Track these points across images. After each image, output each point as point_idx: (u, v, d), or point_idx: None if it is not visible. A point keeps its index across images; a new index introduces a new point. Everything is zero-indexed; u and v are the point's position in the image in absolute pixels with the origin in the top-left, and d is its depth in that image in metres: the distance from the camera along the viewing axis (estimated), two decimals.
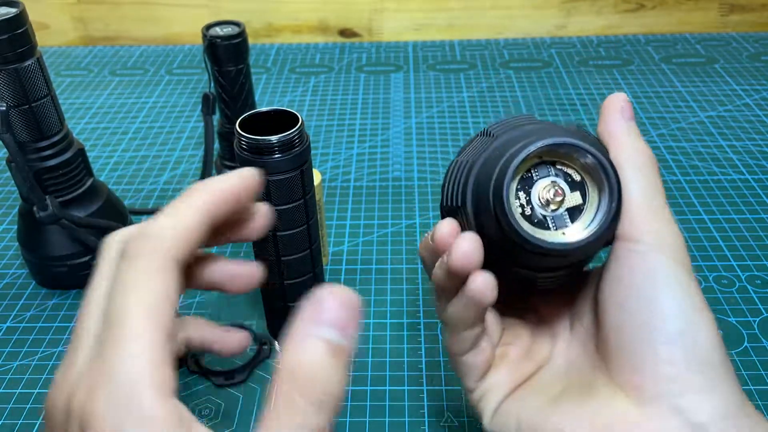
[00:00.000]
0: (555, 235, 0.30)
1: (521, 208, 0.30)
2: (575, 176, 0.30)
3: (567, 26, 1.11)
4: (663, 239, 0.29)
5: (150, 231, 0.26)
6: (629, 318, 0.29)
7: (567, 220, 0.30)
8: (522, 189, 0.30)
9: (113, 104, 0.95)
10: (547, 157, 0.30)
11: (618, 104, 0.33)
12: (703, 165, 0.77)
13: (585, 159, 0.29)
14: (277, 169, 0.45)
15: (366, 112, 0.91)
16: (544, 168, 0.30)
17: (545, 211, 0.30)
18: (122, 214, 0.65)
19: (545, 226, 0.30)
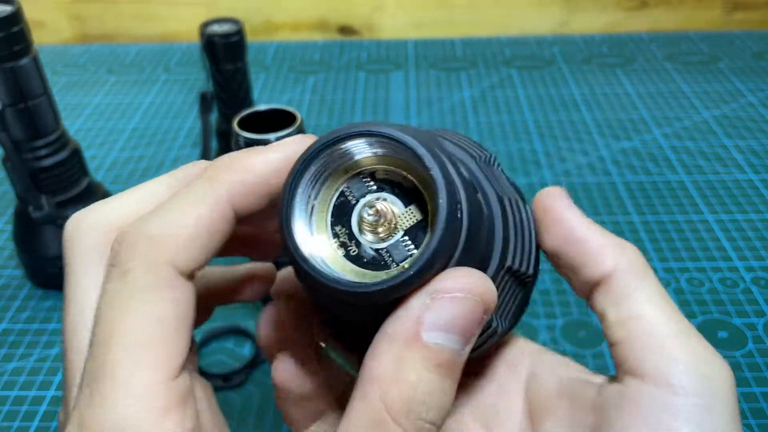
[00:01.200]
0: (344, 268, 0.21)
1: (343, 247, 0.21)
2: (410, 186, 0.21)
3: (570, 24, 1.10)
4: (707, 377, 0.21)
5: (149, 231, 0.20)
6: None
7: (409, 249, 0.21)
8: (340, 221, 0.21)
9: (110, 103, 0.94)
10: (358, 169, 0.21)
11: (561, 200, 0.24)
12: (707, 164, 0.77)
13: (387, 151, 0.20)
14: None
15: (366, 111, 0.90)
16: (362, 185, 0.21)
17: (375, 242, 0.21)
18: None
19: (381, 265, 0.21)
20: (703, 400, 0.20)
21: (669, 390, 0.20)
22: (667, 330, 0.21)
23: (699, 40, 1.06)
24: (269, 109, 0.47)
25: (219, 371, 0.54)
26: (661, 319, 0.22)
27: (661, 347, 0.21)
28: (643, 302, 0.22)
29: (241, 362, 0.55)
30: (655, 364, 0.21)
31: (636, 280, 0.22)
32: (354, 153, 0.21)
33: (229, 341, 0.57)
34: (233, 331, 0.57)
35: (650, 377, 0.21)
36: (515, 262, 0.22)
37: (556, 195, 0.24)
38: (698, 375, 0.21)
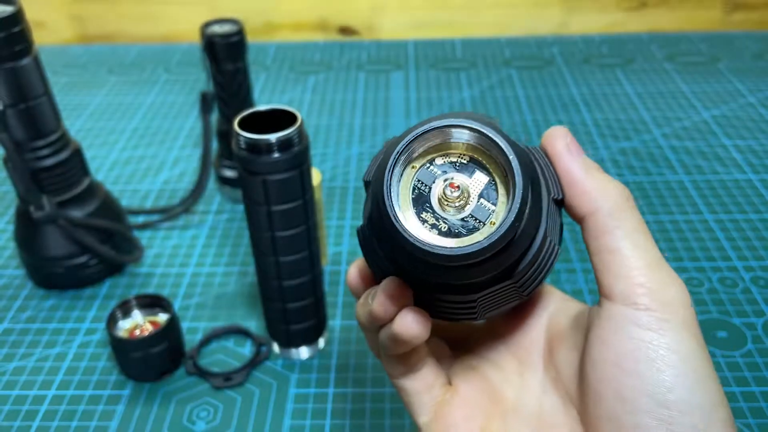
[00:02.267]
0: (452, 241, 0.24)
1: (435, 228, 0.25)
2: (490, 173, 0.25)
3: (569, 24, 1.10)
4: (664, 299, 0.25)
5: None
6: (620, 399, 0.25)
7: (488, 208, 0.25)
8: (422, 209, 0.25)
9: (110, 103, 0.94)
10: (439, 154, 0.26)
11: (560, 143, 0.28)
12: (707, 164, 0.77)
13: (468, 140, 0.25)
14: (276, 169, 0.45)
15: (366, 111, 0.90)
16: (427, 173, 0.26)
17: (457, 213, 0.25)
18: (119, 214, 0.64)
19: (472, 228, 0.25)
20: (661, 315, 0.24)
21: (633, 307, 0.25)
22: (636, 262, 0.25)
23: (699, 40, 1.06)
24: (270, 110, 0.47)
25: (220, 370, 0.54)
26: (632, 252, 0.26)
27: (629, 276, 0.25)
28: (619, 238, 0.26)
29: (242, 361, 0.55)
30: (622, 288, 0.25)
31: (613, 219, 0.26)
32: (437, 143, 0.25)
33: (229, 340, 0.57)
34: (233, 330, 0.57)
35: (618, 298, 0.25)
36: (553, 191, 0.27)
37: (558, 135, 0.28)
38: (658, 297, 0.25)
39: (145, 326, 0.54)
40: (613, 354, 0.25)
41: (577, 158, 0.27)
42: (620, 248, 0.26)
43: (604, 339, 0.26)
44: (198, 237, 0.68)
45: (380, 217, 0.24)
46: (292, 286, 0.50)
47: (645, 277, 0.25)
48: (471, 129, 0.24)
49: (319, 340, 0.55)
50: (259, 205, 0.46)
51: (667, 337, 0.24)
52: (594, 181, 0.27)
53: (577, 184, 0.27)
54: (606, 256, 0.26)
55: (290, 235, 0.48)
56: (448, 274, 0.25)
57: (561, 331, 0.30)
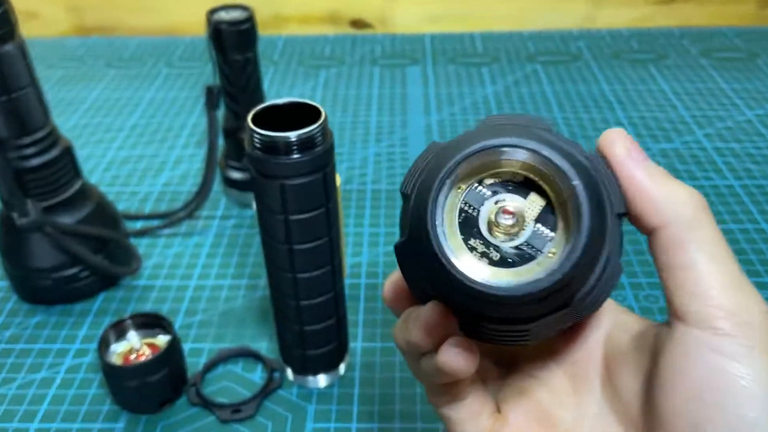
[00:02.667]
0: (505, 274, 0.22)
1: (485, 257, 0.23)
2: (547, 199, 0.23)
3: (595, 18, 1.03)
4: (747, 323, 0.22)
5: None
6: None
7: (545, 235, 0.22)
8: (471, 235, 0.23)
9: (108, 98, 0.87)
10: (488, 173, 0.23)
11: (619, 147, 0.25)
12: (757, 168, 0.70)
13: (523, 159, 0.22)
14: (296, 172, 0.38)
15: (382, 108, 0.83)
16: (476, 194, 0.23)
17: (510, 240, 0.23)
18: (114, 220, 0.58)
19: (527, 258, 0.23)
20: (742, 341, 0.22)
21: (711, 332, 0.22)
22: (714, 280, 0.23)
23: (733, 35, 1.00)
24: (288, 103, 0.41)
25: (227, 400, 0.47)
26: (709, 268, 0.23)
27: (706, 296, 0.23)
28: (693, 252, 0.23)
29: (252, 390, 0.48)
30: (698, 309, 0.23)
31: (687, 231, 0.23)
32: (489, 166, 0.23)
33: (237, 365, 0.51)
34: (242, 353, 0.51)
35: (694, 321, 0.23)
36: (615, 205, 0.24)
37: (616, 139, 0.25)
38: (740, 321, 0.22)
39: (141, 350, 0.48)
40: (689, 384, 0.23)
41: (640, 164, 0.25)
42: (695, 263, 0.23)
43: (677, 366, 0.23)
44: (202, 245, 0.62)
45: (424, 247, 0.22)
46: (312, 306, 0.44)
47: (725, 298, 0.23)
48: (529, 150, 0.22)
49: (339, 366, 0.49)
50: (275, 214, 0.40)
51: (751, 367, 0.22)
52: (662, 189, 0.24)
53: (643, 194, 0.24)
54: (679, 272, 0.23)
55: (311, 248, 0.41)
56: (500, 310, 0.23)
57: (621, 349, 0.27)
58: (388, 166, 0.72)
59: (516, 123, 0.25)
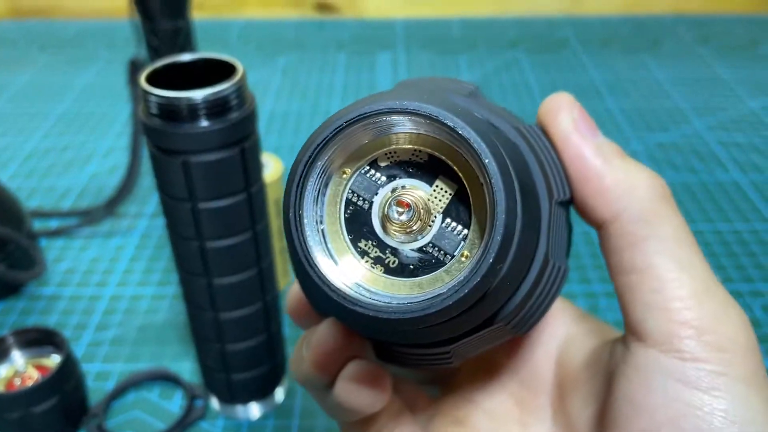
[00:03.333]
0: (403, 286, 0.17)
1: (379, 263, 0.17)
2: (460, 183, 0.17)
3: (583, 2, 0.95)
4: (719, 343, 0.18)
5: None
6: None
7: (458, 232, 0.17)
8: (360, 235, 0.18)
9: (38, 84, 0.78)
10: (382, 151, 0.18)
11: (564, 118, 0.20)
12: (765, 162, 0.62)
13: (424, 131, 0.17)
14: (203, 145, 0.29)
15: (346, 96, 0.75)
16: (367, 181, 0.18)
17: (412, 240, 0.17)
18: (17, 218, 0.48)
19: (433, 263, 0.17)
20: (714, 367, 0.17)
21: (674, 355, 0.18)
22: (678, 287, 0.18)
23: (732, 22, 0.93)
24: (196, 60, 0.32)
25: None
26: (672, 273, 0.18)
27: (667, 308, 0.18)
28: (653, 253, 0.18)
29: (168, 422, 0.39)
30: (658, 325, 0.18)
31: (644, 226, 0.19)
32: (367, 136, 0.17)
33: (152, 390, 0.41)
34: (158, 376, 0.42)
35: (653, 341, 0.18)
36: (558, 192, 0.19)
37: (561, 107, 0.20)
38: (710, 340, 0.18)
39: (27, 373, 0.38)
40: (646, 420, 0.18)
41: (589, 140, 0.20)
42: (654, 267, 0.19)
43: (632, 397, 0.19)
44: (125, 247, 0.52)
45: (292, 255, 0.17)
46: (234, 320, 0.35)
47: (691, 311, 0.18)
48: (425, 116, 0.16)
49: (275, 393, 0.40)
50: (179, 201, 0.31)
51: (724, 400, 0.17)
52: (616, 172, 0.20)
53: (591, 177, 0.20)
54: (633, 277, 0.19)
55: (229, 245, 0.32)
56: (402, 335, 0.18)
57: (575, 369, 0.22)
58: None
59: (427, 87, 0.19)
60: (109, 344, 0.44)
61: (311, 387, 0.22)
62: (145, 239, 0.53)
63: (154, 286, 0.49)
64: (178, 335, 0.45)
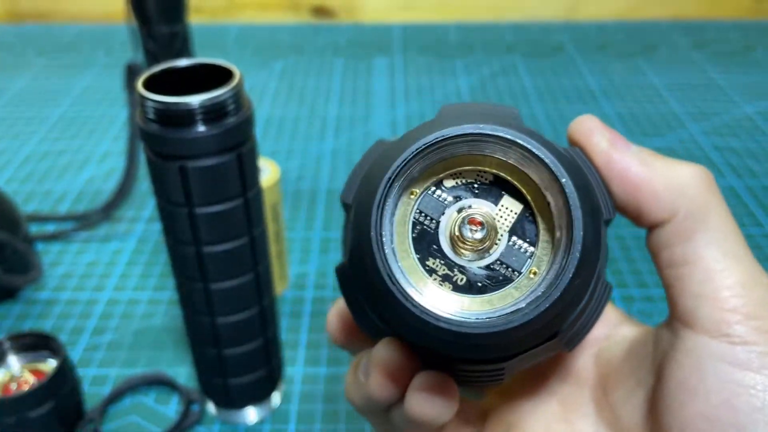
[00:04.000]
0: (474, 303, 0.17)
1: (447, 281, 0.18)
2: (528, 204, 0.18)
3: (578, 9, 0.96)
4: (766, 325, 0.19)
5: None
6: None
7: (524, 250, 0.18)
8: (428, 254, 0.18)
9: (35, 88, 0.78)
10: (448, 172, 0.18)
11: (600, 138, 0.21)
12: (760, 167, 0.63)
13: (492, 152, 0.17)
14: (200, 150, 0.29)
15: (343, 100, 0.75)
16: (434, 201, 0.18)
17: (479, 258, 0.18)
18: (13, 222, 0.48)
19: (501, 281, 0.18)
20: (763, 348, 0.18)
21: (725, 339, 0.19)
22: (725, 278, 0.19)
23: (727, 28, 0.93)
24: (193, 65, 0.32)
25: None
26: (719, 265, 0.19)
27: (717, 297, 0.19)
28: (702, 245, 0.20)
29: (164, 426, 0.39)
30: (708, 313, 0.19)
31: (695, 222, 0.20)
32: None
33: (149, 395, 0.41)
34: (155, 381, 0.42)
35: (703, 328, 0.19)
36: (604, 210, 0.19)
37: (593, 130, 0.21)
38: (759, 325, 0.19)
39: (23, 378, 0.38)
40: (701, 403, 0.19)
41: (628, 154, 0.21)
42: (703, 259, 0.20)
43: (686, 382, 0.20)
44: (122, 252, 0.52)
45: (368, 272, 0.17)
46: (231, 324, 0.35)
47: (739, 298, 0.19)
48: (500, 139, 0.17)
49: (271, 397, 0.40)
50: (176, 206, 0.31)
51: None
52: (664, 177, 0.20)
53: (642, 187, 0.21)
54: (684, 270, 0.20)
55: (225, 250, 0.32)
56: (473, 349, 0.18)
57: (617, 363, 0.23)
58: (346, 163, 0.63)
59: (479, 111, 0.19)
60: (106, 349, 0.44)
61: (373, 410, 0.22)
62: (141, 244, 0.53)
63: (150, 290, 0.49)
64: (174, 340, 0.45)
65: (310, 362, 0.43)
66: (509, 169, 0.18)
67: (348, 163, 0.63)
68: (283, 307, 0.47)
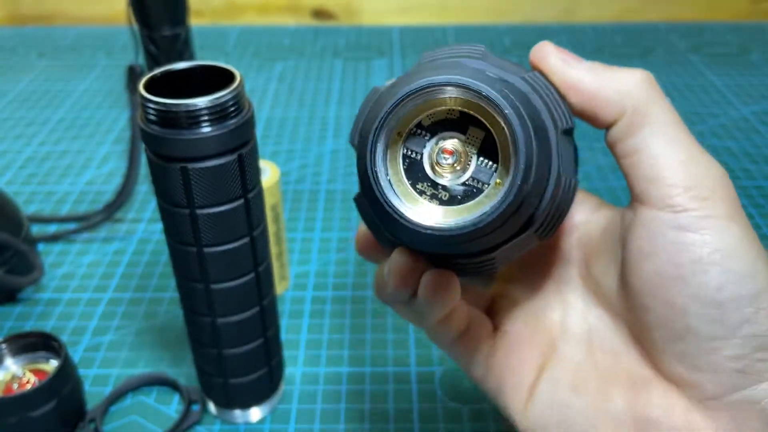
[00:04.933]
0: (456, 212, 0.22)
1: (435, 198, 0.23)
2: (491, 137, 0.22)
3: (576, 11, 0.96)
4: (702, 195, 0.23)
5: None
6: (668, 306, 0.23)
7: (489, 166, 0.22)
8: (417, 180, 0.23)
9: (35, 90, 0.78)
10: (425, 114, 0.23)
11: (554, 58, 0.25)
12: (756, 168, 0.63)
13: (455, 95, 0.21)
14: (202, 152, 0.30)
15: (343, 102, 0.75)
16: (417, 138, 0.23)
17: (453, 181, 0.23)
18: (16, 223, 0.48)
19: (475, 192, 0.22)
20: (700, 212, 0.22)
21: (669, 210, 0.23)
22: (668, 160, 0.23)
23: (724, 30, 0.93)
24: (193, 67, 0.32)
25: None
26: (664, 149, 0.23)
27: (661, 177, 0.23)
28: (647, 135, 0.23)
29: (165, 426, 0.40)
30: (656, 190, 0.23)
31: (640, 116, 0.23)
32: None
33: (150, 395, 0.42)
34: (156, 381, 0.42)
35: (653, 203, 0.23)
36: (560, 121, 0.23)
37: (547, 53, 0.25)
38: (695, 194, 0.22)
39: (25, 378, 0.38)
40: (654, 263, 0.23)
41: (578, 67, 0.24)
42: (648, 146, 0.23)
43: (642, 248, 0.24)
44: (123, 252, 0.53)
45: (373, 199, 0.22)
46: (231, 324, 0.35)
47: (679, 175, 0.23)
48: (456, 85, 0.21)
49: (272, 397, 0.40)
50: (178, 207, 0.31)
51: (709, 235, 0.22)
52: (610, 83, 0.24)
53: (592, 96, 0.24)
54: (635, 157, 0.24)
55: (226, 251, 0.33)
56: (460, 246, 0.23)
57: (595, 242, 0.28)
58: (346, 164, 0.64)
59: (447, 56, 0.24)
60: (107, 349, 0.45)
61: (396, 303, 0.27)
62: (142, 244, 0.54)
63: (151, 291, 0.49)
64: (175, 340, 0.45)
65: (310, 362, 0.43)
66: (470, 105, 0.22)
67: (348, 164, 0.64)
68: (283, 307, 0.47)
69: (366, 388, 0.42)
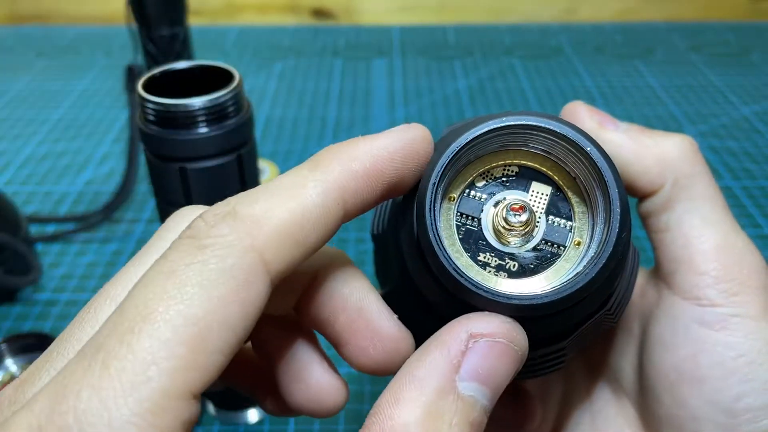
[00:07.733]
0: (533, 282, 0.19)
1: (502, 270, 0.19)
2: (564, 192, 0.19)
3: (577, 11, 0.96)
4: (733, 289, 0.21)
5: (244, 212, 0.16)
6: (681, 405, 0.21)
7: (564, 225, 0.19)
8: (477, 250, 0.19)
9: (34, 90, 0.78)
10: (477, 173, 0.19)
11: (589, 120, 0.23)
12: (757, 168, 0.63)
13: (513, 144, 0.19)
14: (201, 152, 0.30)
15: (342, 102, 0.75)
16: (471, 201, 0.19)
17: (524, 243, 0.19)
18: (14, 223, 0.48)
19: (550, 258, 0.19)
20: (728, 309, 0.21)
21: (695, 302, 0.21)
22: (701, 243, 0.21)
23: (724, 30, 0.93)
24: (193, 67, 0.32)
25: None
26: (697, 230, 0.21)
27: (691, 261, 0.21)
28: (682, 212, 0.22)
29: None
30: (684, 277, 0.21)
31: (679, 191, 0.22)
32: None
33: None
34: None
35: (679, 290, 0.21)
36: None
37: (581, 114, 0.23)
38: (726, 287, 0.21)
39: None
40: (673, 357, 0.22)
41: (618, 133, 0.23)
42: (682, 224, 0.22)
43: (662, 337, 0.22)
44: (121, 253, 0.53)
45: (434, 281, 0.18)
46: None
47: (711, 263, 0.21)
48: (517, 127, 0.18)
49: None
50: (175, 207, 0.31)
51: (734, 337, 0.20)
52: (650, 151, 0.22)
53: (630, 164, 0.22)
54: (666, 234, 0.22)
55: None
56: (537, 325, 0.18)
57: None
58: None
59: (472, 121, 0.20)
60: None
61: None
62: (141, 245, 0.53)
63: None
64: None
65: None
66: (532, 156, 0.19)
67: None
68: None
69: (366, 388, 0.42)
